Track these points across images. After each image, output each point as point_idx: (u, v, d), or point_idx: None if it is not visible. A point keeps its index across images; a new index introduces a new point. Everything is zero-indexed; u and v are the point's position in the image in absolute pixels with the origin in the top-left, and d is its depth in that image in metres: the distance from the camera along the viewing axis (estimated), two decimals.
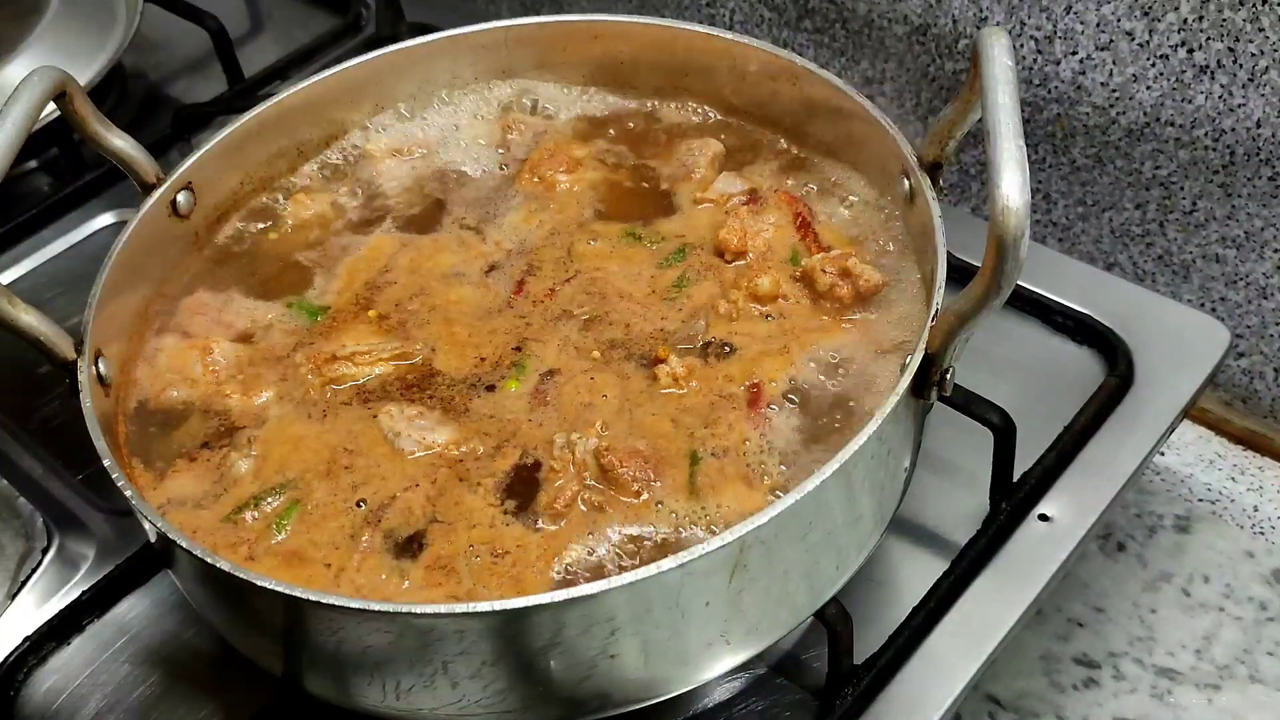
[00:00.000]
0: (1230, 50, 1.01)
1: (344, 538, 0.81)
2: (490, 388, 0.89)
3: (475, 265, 0.98)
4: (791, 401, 0.85)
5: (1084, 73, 1.11)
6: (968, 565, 0.90)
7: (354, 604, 0.70)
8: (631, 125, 1.08)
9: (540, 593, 0.72)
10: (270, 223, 1.04)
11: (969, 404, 0.91)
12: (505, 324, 0.93)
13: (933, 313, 0.78)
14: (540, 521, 0.81)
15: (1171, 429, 0.97)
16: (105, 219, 1.27)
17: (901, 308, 0.90)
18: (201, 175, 0.99)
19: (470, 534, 0.80)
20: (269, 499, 0.84)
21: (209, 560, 0.73)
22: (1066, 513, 0.92)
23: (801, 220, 0.96)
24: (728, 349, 0.89)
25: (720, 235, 0.96)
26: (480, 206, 1.03)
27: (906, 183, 0.90)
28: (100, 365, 0.86)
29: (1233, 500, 1.09)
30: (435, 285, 0.97)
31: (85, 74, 1.29)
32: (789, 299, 0.91)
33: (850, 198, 0.98)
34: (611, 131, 1.08)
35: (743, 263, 0.95)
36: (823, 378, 0.86)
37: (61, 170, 1.34)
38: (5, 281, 1.12)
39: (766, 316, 0.91)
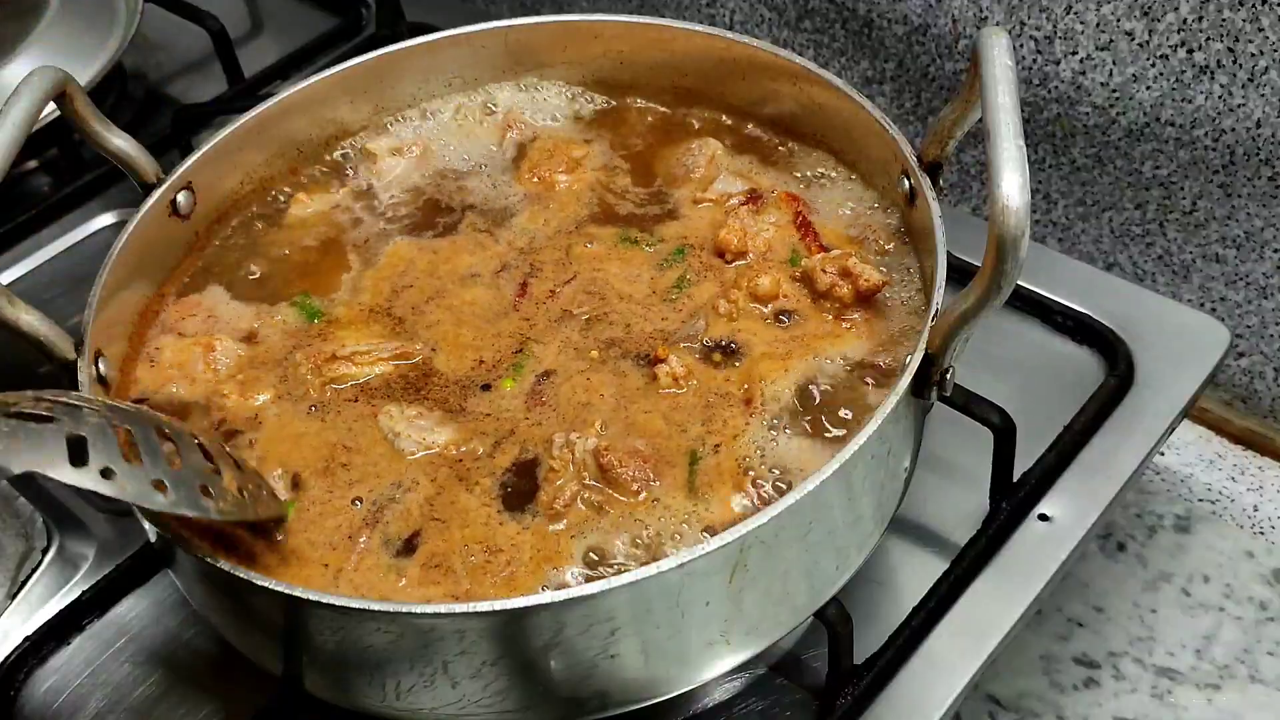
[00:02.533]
0: (1230, 50, 1.01)
1: (341, 537, 0.81)
2: (486, 387, 0.89)
3: (489, 265, 0.98)
4: (792, 401, 0.85)
5: (1084, 73, 1.11)
6: (968, 565, 0.90)
7: (354, 604, 0.70)
8: (631, 125, 1.08)
9: (535, 590, 0.72)
10: (270, 223, 1.03)
11: (969, 404, 0.91)
12: (510, 326, 0.93)
13: (933, 313, 0.78)
14: (539, 521, 0.81)
15: (1171, 429, 0.97)
16: (105, 219, 1.27)
17: (901, 307, 0.90)
18: (201, 175, 0.99)
19: (464, 533, 0.81)
20: None
21: (209, 560, 0.73)
22: (1066, 513, 0.93)
23: (801, 219, 0.96)
24: (729, 348, 0.89)
25: (720, 235, 0.96)
26: (484, 207, 1.03)
27: (906, 183, 0.90)
28: (100, 365, 0.86)
29: (1233, 500, 1.09)
30: (452, 287, 0.97)
31: (85, 74, 1.29)
32: (789, 298, 0.91)
33: (850, 197, 0.98)
34: (611, 131, 1.08)
35: (743, 263, 0.95)
36: (823, 377, 0.86)
37: (61, 170, 1.34)
38: (5, 281, 1.12)
39: (768, 317, 0.91)
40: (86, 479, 0.66)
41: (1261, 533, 1.07)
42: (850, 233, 0.96)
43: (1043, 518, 0.92)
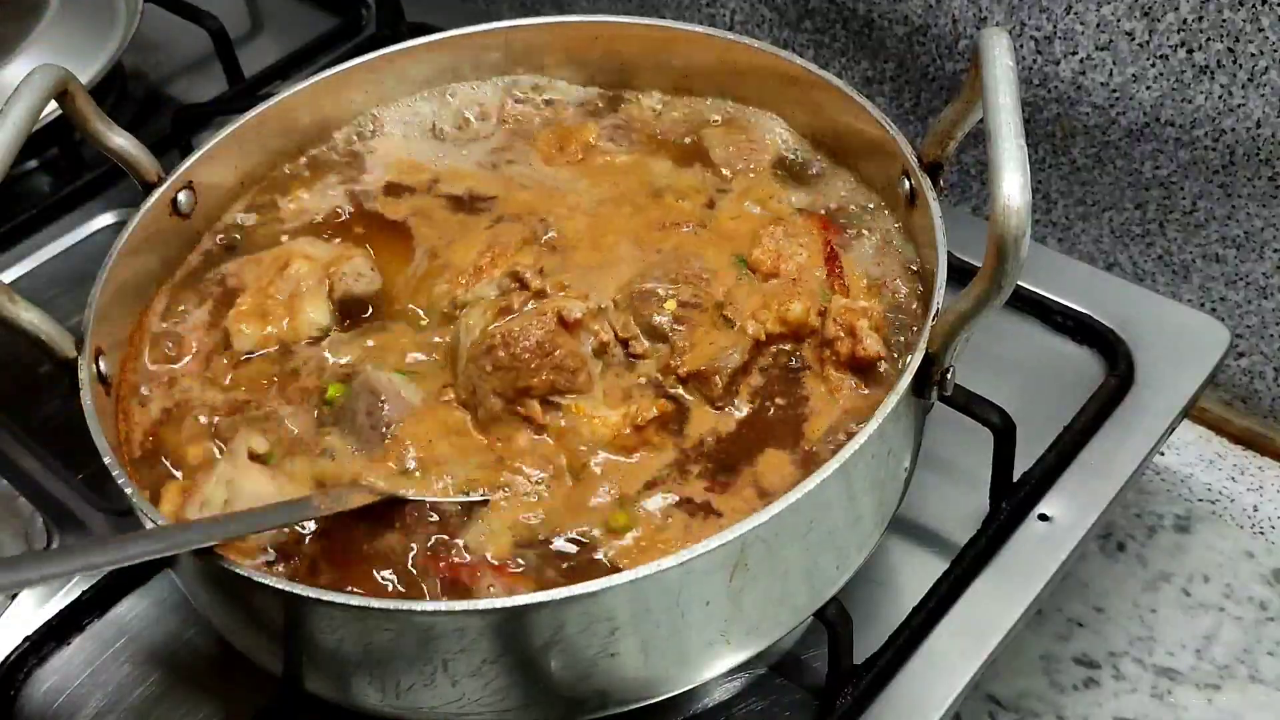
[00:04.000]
0: (1230, 50, 1.01)
1: None
2: None
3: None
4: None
5: (1084, 73, 1.11)
6: (968, 565, 0.90)
7: (354, 602, 0.70)
8: (634, 125, 1.08)
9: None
10: (269, 223, 1.03)
11: (969, 404, 0.91)
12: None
13: (933, 313, 0.78)
14: None
15: (1171, 429, 0.98)
16: (105, 219, 1.27)
17: (883, 386, 0.85)
18: (202, 174, 0.99)
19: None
20: None
21: (209, 560, 0.73)
22: (1066, 513, 0.93)
23: (830, 252, 0.92)
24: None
25: (754, 254, 0.92)
26: (491, 202, 1.03)
27: (907, 183, 0.90)
28: (100, 364, 0.86)
29: (1233, 500, 1.09)
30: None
31: (85, 74, 1.29)
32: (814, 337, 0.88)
33: (871, 229, 0.95)
34: (615, 128, 1.07)
35: (777, 281, 0.91)
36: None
37: (61, 170, 1.34)
38: (5, 281, 1.12)
39: (783, 367, 0.88)
40: None
41: (1261, 533, 1.07)
42: (872, 271, 0.92)
43: (1043, 518, 0.92)
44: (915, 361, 0.77)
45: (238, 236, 1.01)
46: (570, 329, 0.86)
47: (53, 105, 0.86)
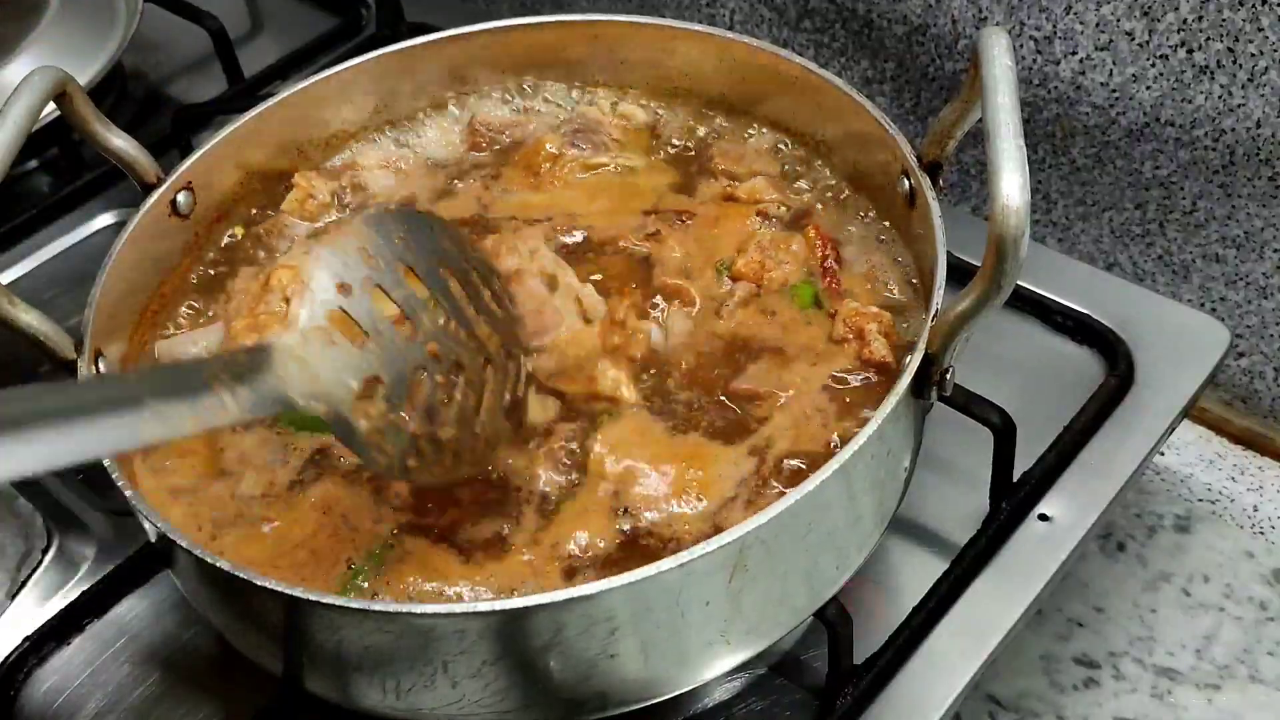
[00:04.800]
0: (1230, 50, 1.01)
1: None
2: None
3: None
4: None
5: (1084, 73, 1.11)
6: (968, 565, 0.90)
7: (354, 604, 0.70)
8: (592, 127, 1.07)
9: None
10: (268, 223, 1.03)
11: (969, 404, 0.91)
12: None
13: (933, 313, 0.78)
14: None
15: (1171, 429, 0.98)
16: (105, 219, 1.27)
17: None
18: (201, 175, 0.99)
19: None
20: None
21: (209, 560, 0.73)
22: (1066, 513, 0.92)
23: (827, 264, 0.93)
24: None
25: (738, 265, 0.93)
26: (503, 199, 1.03)
27: (906, 183, 0.90)
28: (100, 365, 0.86)
29: (1233, 500, 1.09)
30: None
31: (85, 74, 1.29)
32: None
33: (860, 222, 0.97)
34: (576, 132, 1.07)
35: (756, 291, 0.93)
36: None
37: (61, 170, 1.34)
38: (5, 281, 1.12)
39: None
40: None
41: (1261, 533, 1.07)
42: (859, 269, 0.93)
43: (1043, 518, 0.92)
44: (914, 362, 0.77)
45: (233, 251, 1.02)
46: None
47: (52, 105, 0.86)
